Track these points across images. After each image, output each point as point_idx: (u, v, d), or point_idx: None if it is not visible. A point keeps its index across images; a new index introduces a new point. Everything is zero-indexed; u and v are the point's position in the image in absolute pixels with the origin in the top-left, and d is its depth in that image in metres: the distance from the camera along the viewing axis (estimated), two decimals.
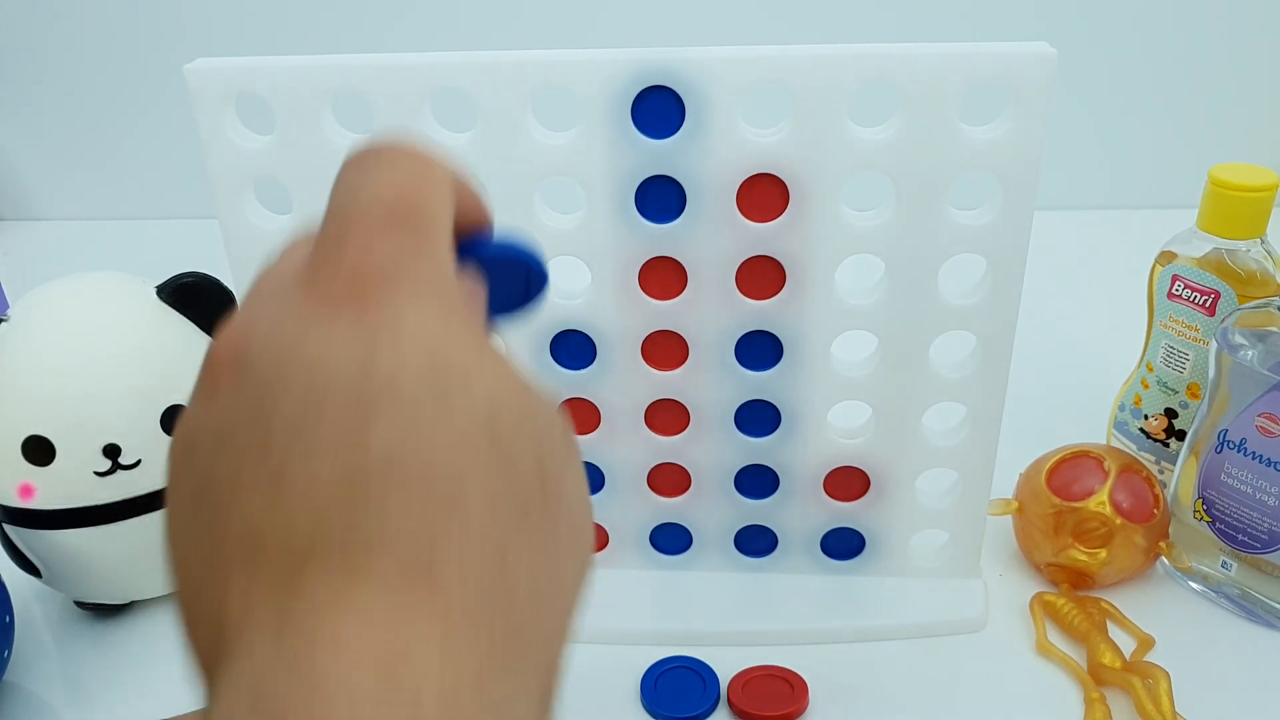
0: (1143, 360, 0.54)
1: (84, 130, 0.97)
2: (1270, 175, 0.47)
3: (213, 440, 0.20)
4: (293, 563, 0.19)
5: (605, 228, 0.41)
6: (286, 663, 0.18)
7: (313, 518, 0.19)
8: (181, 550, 0.21)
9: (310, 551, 0.19)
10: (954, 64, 0.37)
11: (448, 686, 0.18)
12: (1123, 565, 0.48)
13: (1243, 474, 0.45)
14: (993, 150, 0.38)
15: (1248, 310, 0.46)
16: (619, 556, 0.50)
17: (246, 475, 0.20)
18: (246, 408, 0.20)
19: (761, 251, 0.41)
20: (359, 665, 0.17)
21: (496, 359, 0.21)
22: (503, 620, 0.19)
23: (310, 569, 0.19)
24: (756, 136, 0.39)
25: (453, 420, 0.19)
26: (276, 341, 0.20)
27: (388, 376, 0.19)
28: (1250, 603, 0.47)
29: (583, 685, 0.46)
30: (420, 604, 0.18)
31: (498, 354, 0.21)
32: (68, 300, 0.47)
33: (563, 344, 0.44)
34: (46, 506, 0.45)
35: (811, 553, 0.49)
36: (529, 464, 0.20)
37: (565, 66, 0.38)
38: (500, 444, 0.20)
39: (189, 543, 0.21)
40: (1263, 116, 0.90)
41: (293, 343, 0.20)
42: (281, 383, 0.20)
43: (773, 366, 0.44)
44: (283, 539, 0.19)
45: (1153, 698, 0.42)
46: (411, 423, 0.19)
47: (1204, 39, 0.88)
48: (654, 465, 0.47)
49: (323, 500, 0.19)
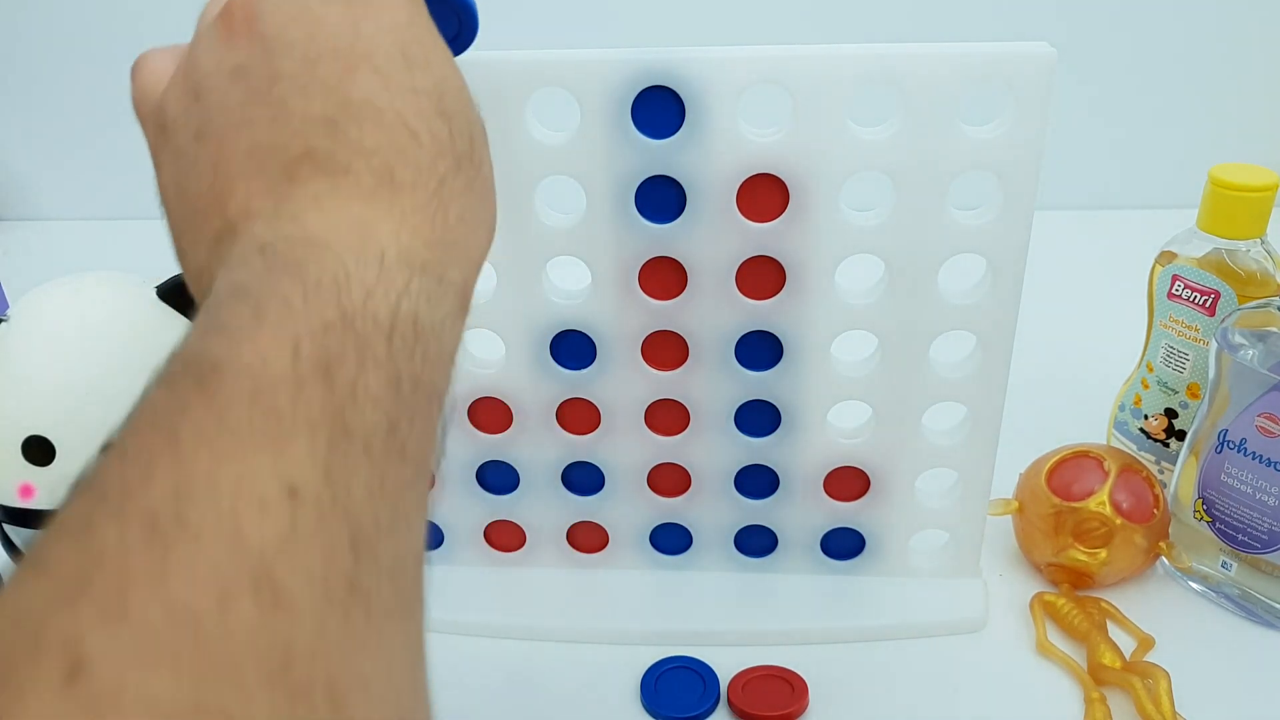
0: (1143, 360, 0.54)
1: (84, 130, 0.97)
2: (1270, 175, 0.47)
3: (229, 77, 0.26)
4: (288, 171, 0.25)
5: (605, 228, 0.41)
6: (286, 224, 0.24)
7: (305, 138, 0.25)
8: (181, 184, 0.26)
9: (302, 160, 0.25)
10: (954, 64, 0.37)
11: (403, 246, 0.24)
12: (1123, 565, 0.48)
13: (1243, 474, 0.45)
14: (993, 150, 0.38)
15: (1248, 310, 0.46)
16: (619, 556, 0.50)
17: (255, 104, 0.25)
18: (260, 53, 0.25)
19: (761, 251, 0.41)
20: (342, 227, 0.24)
21: (446, 55, 0.28)
22: (440, 228, 0.25)
23: (302, 174, 0.25)
24: (756, 136, 0.39)
25: (415, 86, 0.26)
26: (287, 6, 0.26)
27: (368, 47, 0.26)
28: (1250, 603, 0.47)
29: (583, 685, 0.46)
30: (383, 202, 0.25)
31: (447, 52, 0.28)
32: (68, 300, 0.47)
33: (563, 344, 0.44)
34: (47, 506, 0.45)
35: (811, 553, 0.49)
36: (463, 132, 0.27)
37: (565, 66, 0.38)
38: (445, 114, 0.26)
39: (190, 175, 0.26)
40: (1263, 116, 0.90)
41: (301, 9, 0.26)
42: (289, 37, 0.25)
43: (773, 366, 0.44)
44: (280, 153, 0.25)
45: (1153, 698, 0.42)
46: (386, 81, 0.26)
47: (1204, 39, 0.88)
48: (654, 465, 0.47)
49: (314, 128, 0.25)
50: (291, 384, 0.20)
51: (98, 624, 0.16)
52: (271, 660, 0.17)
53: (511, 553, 0.51)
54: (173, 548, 0.17)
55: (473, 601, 0.49)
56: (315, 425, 0.20)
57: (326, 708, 0.17)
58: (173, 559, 0.17)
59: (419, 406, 0.22)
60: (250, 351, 0.20)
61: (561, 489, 0.49)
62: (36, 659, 0.16)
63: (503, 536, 0.51)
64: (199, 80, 0.26)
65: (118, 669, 0.16)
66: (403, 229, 0.24)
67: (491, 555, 0.51)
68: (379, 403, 0.21)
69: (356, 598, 0.19)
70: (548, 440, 0.47)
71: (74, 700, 0.15)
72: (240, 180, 0.25)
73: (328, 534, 0.19)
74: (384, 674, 0.19)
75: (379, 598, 0.20)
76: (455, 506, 0.49)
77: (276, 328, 0.21)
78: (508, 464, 0.48)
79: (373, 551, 0.20)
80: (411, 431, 0.22)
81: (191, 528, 0.17)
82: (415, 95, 0.26)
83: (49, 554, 0.18)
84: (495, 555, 0.51)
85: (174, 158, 0.27)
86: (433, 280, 0.24)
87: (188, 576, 0.17)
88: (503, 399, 0.46)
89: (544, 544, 0.50)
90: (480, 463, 0.48)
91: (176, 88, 0.27)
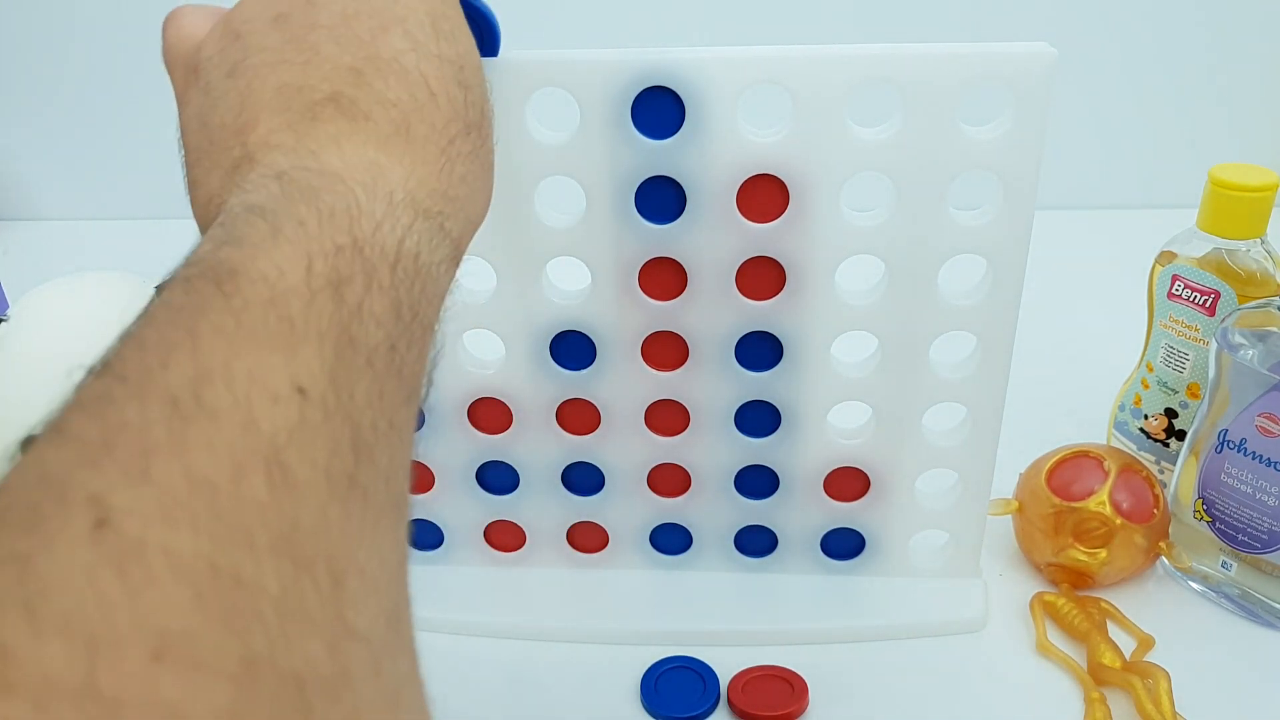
0: (1143, 360, 0.54)
1: (84, 130, 0.97)
2: (1270, 175, 0.47)
3: (270, 22, 0.28)
4: (312, 111, 0.27)
5: (605, 228, 0.41)
6: (305, 157, 0.26)
7: (333, 82, 0.27)
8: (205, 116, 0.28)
9: (326, 103, 0.27)
10: (954, 64, 0.37)
11: (410, 191, 0.26)
12: (1123, 565, 0.48)
13: (1243, 474, 0.45)
14: (993, 150, 0.38)
15: (1248, 310, 0.46)
16: (619, 556, 0.50)
17: (291, 47, 0.27)
18: (304, 4, 0.28)
19: (761, 252, 0.41)
20: (357, 166, 0.26)
21: (470, 36, 0.30)
22: (445, 182, 0.27)
23: (325, 115, 0.27)
24: (756, 137, 0.39)
25: (441, 54, 0.28)
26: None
27: (404, 12, 0.28)
28: (1250, 603, 0.47)
29: (583, 685, 0.46)
30: (396, 150, 0.27)
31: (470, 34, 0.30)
32: (68, 300, 0.47)
33: (563, 344, 0.44)
34: None
35: (811, 553, 0.49)
36: (476, 103, 0.29)
37: (565, 66, 0.38)
38: (463, 84, 0.29)
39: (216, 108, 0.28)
40: (1263, 116, 0.90)
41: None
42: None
43: (773, 367, 0.44)
44: (308, 93, 0.27)
45: (1153, 698, 0.42)
46: (415, 44, 0.28)
47: (1204, 39, 0.88)
48: (654, 465, 0.47)
49: (343, 75, 0.27)
50: (304, 295, 0.22)
51: (121, 483, 0.17)
52: (280, 532, 0.18)
53: (511, 553, 0.51)
54: (191, 423, 0.18)
55: (473, 601, 0.49)
56: (324, 335, 0.21)
57: (328, 582, 0.19)
58: (191, 433, 0.18)
59: (415, 334, 0.24)
60: (266, 262, 0.22)
61: (561, 489, 0.49)
62: (64, 510, 0.17)
63: (503, 536, 0.51)
64: (241, 24, 0.28)
65: (141, 524, 0.17)
66: (411, 176, 0.26)
67: (491, 555, 0.51)
68: (381, 323, 0.23)
69: (355, 492, 0.20)
70: (548, 440, 0.47)
71: (100, 548, 0.16)
72: (265, 113, 0.27)
73: (331, 431, 0.20)
74: (377, 564, 0.21)
75: (374, 496, 0.21)
76: (455, 507, 0.49)
77: (292, 244, 0.22)
78: (508, 464, 0.48)
79: (370, 454, 0.21)
80: (408, 354, 0.24)
81: (208, 408, 0.19)
82: (440, 62, 0.28)
83: (69, 423, 0.19)
84: (495, 555, 0.51)
85: (203, 93, 0.28)
86: (434, 226, 0.26)
87: (206, 450, 0.18)
88: (503, 399, 0.46)
89: (544, 544, 0.50)
90: (480, 463, 0.48)
91: (218, 31, 0.29)
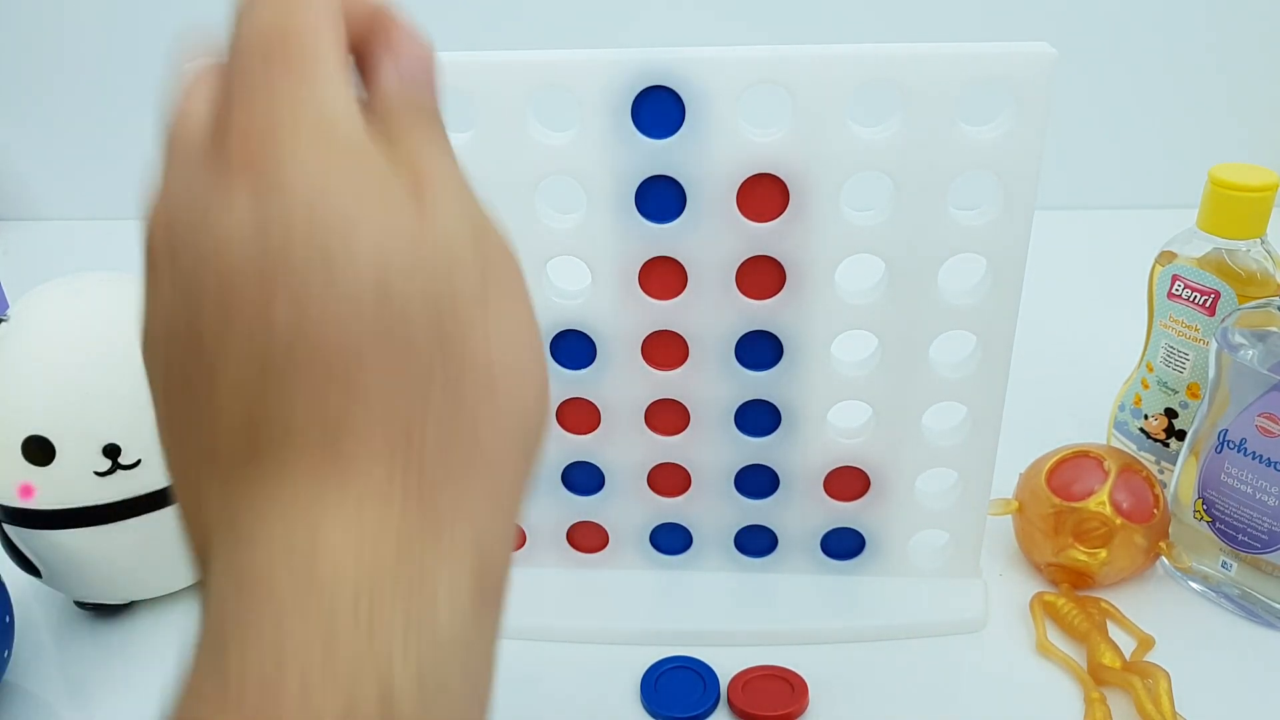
0: (1143, 360, 0.54)
1: (84, 130, 0.97)
2: (1270, 175, 0.47)
3: (164, 339, 0.20)
4: (233, 471, 0.19)
5: (605, 228, 0.41)
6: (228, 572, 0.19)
7: (244, 415, 0.19)
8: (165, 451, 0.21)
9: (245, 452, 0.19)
10: (954, 64, 0.37)
11: (365, 566, 0.18)
12: (1123, 565, 0.48)
13: (1243, 474, 0.45)
14: (993, 150, 0.38)
15: (1248, 310, 0.46)
16: (619, 556, 0.50)
17: (192, 374, 0.20)
18: (181, 301, 0.20)
19: (761, 251, 0.41)
20: (279, 563, 0.18)
21: (382, 199, 0.19)
22: (415, 495, 0.19)
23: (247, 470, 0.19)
24: (756, 136, 0.39)
25: (338, 288, 0.18)
26: (192, 222, 0.19)
27: (280, 247, 0.18)
28: (1250, 603, 0.47)
29: (583, 685, 0.46)
30: (332, 490, 0.18)
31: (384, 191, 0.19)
32: (68, 300, 0.47)
33: (563, 344, 0.44)
34: (46, 506, 0.45)
35: (811, 553, 0.49)
36: (424, 322, 0.19)
37: (565, 66, 0.38)
38: (390, 303, 0.19)
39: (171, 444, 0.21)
40: (1263, 116, 0.90)
41: (206, 224, 0.19)
42: (202, 270, 0.19)
43: (773, 366, 0.44)
44: (225, 442, 0.19)
45: (1153, 698, 0.42)
46: (303, 298, 0.18)
47: (1204, 39, 0.88)
48: (654, 465, 0.47)
49: (249, 396, 0.19)
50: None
51: None
52: None
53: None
54: None
55: None
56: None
57: None
58: None
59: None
60: None
61: (561, 489, 0.49)
62: None
63: None
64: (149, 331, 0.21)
65: None
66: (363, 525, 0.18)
67: None
68: None
69: None
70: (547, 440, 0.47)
71: None
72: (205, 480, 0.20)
73: None
74: None
75: None
76: None
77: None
78: None
79: None
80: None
81: None
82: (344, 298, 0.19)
83: None
84: None
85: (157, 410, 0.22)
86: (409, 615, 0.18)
87: None
88: None
89: (544, 544, 0.50)
90: None
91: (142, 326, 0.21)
